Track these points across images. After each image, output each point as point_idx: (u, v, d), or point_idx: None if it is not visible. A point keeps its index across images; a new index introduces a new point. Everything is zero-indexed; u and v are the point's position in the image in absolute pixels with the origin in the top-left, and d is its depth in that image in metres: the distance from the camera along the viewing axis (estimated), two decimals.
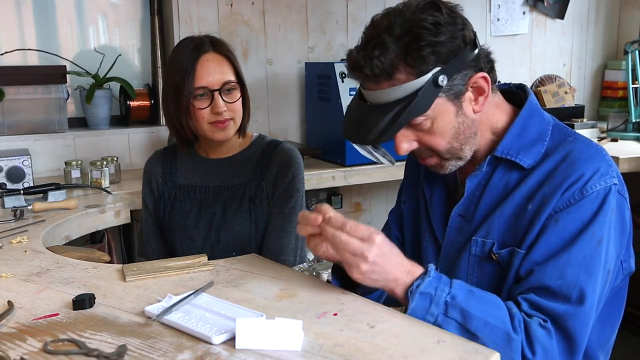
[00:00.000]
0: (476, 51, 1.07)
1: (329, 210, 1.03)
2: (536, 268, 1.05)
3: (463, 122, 1.10)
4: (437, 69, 1.02)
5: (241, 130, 1.60)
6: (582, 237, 1.04)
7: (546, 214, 1.06)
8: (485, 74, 1.08)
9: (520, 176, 1.12)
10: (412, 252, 1.32)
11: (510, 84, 1.25)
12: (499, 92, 1.19)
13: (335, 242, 1.00)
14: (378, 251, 0.99)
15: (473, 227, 1.16)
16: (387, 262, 1.00)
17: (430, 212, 1.27)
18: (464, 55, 1.04)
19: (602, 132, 3.04)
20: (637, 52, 2.92)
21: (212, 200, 1.60)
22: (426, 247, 1.27)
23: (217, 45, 1.55)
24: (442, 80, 1.02)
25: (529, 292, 1.04)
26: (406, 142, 1.11)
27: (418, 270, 1.04)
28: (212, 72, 1.50)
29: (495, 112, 1.16)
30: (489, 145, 1.17)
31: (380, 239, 1.00)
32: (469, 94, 1.09)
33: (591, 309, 1.04)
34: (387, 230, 1.40)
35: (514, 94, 1.21)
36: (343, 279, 1.13)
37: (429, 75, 1.02)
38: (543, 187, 1.08)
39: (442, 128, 1.08)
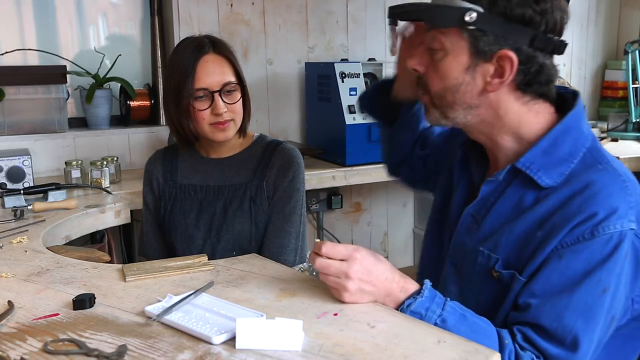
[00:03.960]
0: (536, 41, 0.99)
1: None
2: (534, 303, 1.00)
3: (468, 84, 1.04)
4: (478, 8, 0.97)
5: (242, 131, 1.60)
6: (586, 283, 0.97)
7: (551, 246, 1.00)
8: (514, 56, 0.99)
9: (536, 195, 1.04)
10: (430, 242, 1.30)
11: (567, 87, 1.13)
12: (546, 103, 1.08)
13: (317, 267, 1.00)
14: (360, 267, 0.98)
15: (481, 234, 1.11)
16: (374, 277, 0.99)
17: (452, 207, 1.22)
18: (520, 28, 0.98)
19: (602, 132, 3.04)
20: (637, 52, 2.92)
21: (213, 199, 1.60)
22: (444, 240, 1.23)
23: (217, 46, 1.54)
24: (470, 16, 0.96)
25: (525, 326, 1.01)
26: (417, 59, 1.09)
27: (412, 287, 1.02)
28: (212, 73, 1.50)
29: (526, 118, 1.07)
30: (513, 152, 1.10)
31: (361, 255, 0.98)
32: (489, 67, 1.02)
33: (585, 355, 0.99)
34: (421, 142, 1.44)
35: (565, 101, 1.10)
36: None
37: (465, 3, 0.97)
38: (555, 215, 1.00)
39: (447, 69, 1.04)
